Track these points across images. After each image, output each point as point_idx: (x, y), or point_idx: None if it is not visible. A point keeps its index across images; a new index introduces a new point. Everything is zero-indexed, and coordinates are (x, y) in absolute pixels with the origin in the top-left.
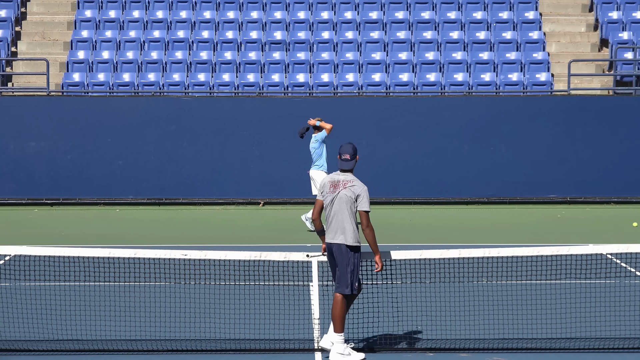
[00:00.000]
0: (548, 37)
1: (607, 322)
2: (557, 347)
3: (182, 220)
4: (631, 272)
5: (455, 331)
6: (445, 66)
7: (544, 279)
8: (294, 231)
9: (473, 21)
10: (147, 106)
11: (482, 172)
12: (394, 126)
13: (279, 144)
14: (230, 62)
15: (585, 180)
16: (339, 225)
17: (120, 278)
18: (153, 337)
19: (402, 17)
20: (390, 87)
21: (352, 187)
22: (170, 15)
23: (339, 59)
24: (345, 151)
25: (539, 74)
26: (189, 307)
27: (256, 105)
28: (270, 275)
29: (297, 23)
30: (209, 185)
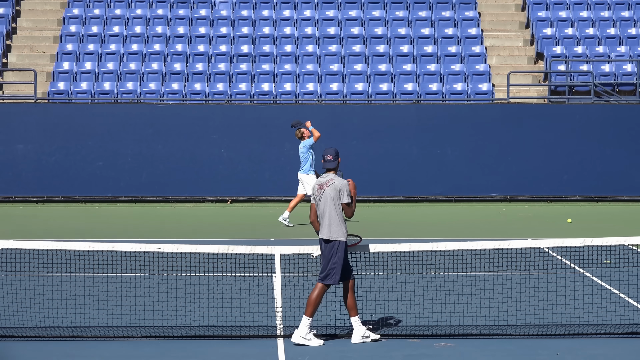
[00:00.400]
0: (489, 50)
1: (545, 310)
2: (500, 334)
3: (156, 216)
4: (567, 265)
5: (407, 319)
6: (396, 77)
7: (487, 270)
8: (259, 226)
9: (421, 36)
10: (126, 113)
11: (430, 173)
12: (350, 131)
13: (246, 147)
14: (201, 72)
15: (524, 180)
16: (326, 221)
17: (99, 270)
18: (128, 324)
19: (357, 33)
20: (346, 96)
21: (333, 185)
22: (147, 30)
23: (300, 70)
24: (328, 153)
25: (481, 84)
26: (162, 296)
27: (225, 112)
28: (237, 267)
29: (262, 37)
30: (181, 184)
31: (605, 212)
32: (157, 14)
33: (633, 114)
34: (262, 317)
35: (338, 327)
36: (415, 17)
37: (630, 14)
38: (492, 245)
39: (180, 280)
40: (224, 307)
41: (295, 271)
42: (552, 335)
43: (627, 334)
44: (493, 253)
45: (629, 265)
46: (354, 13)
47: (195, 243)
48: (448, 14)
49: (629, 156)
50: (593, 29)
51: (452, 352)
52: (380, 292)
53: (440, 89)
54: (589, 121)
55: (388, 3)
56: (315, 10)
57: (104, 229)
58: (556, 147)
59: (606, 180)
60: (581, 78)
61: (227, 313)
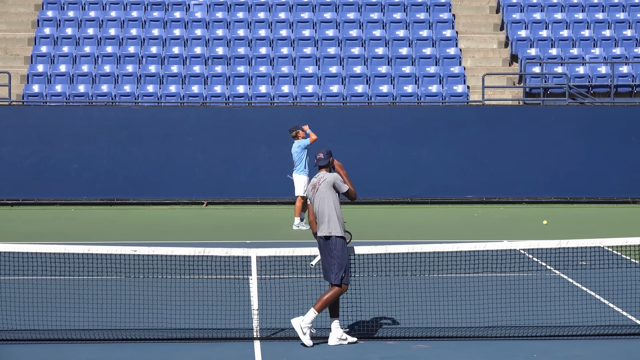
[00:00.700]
0: (464, 53)
1: (521, 312)
2: (476, 335)
3: (132, 219)
4: (542, 266)
5: (383, 321)
6: (372, 79)
7: (463, 272)
8: (235, 229)
9: (396, 38)
10: (100, 115)
11: (406, 175)
12: (326, 133)
13: (221, 149)
14: (176, 75)
15: (499, 182)
16: (324, 219)
17: (75, 272)
18: (105, 327)
19: (332, 35)
20: (322, 98)
21: (325, 181)
22: (121, 32)
23: (276, 72)
24: (320, 151)
25: (456, 86)
26: (138, 299)
27: (200, 114)
28: (213, 269)
29: (237, 40)
30: (156, 186)
31: (581, 213)
32: (132, 17)
33: (607, 115)
34: (238, 319)
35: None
36: (390, 20)
37: (604, 16)
38: (468, 247)
39: (157, 283)
40: (201, 309)
41: (271, 273)
42: (528, 337)
43: (603, 335)
44: (469, 255)
45: (605, 267)
46: (328, 15)
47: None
48: (423, 16)
49: (603, 158)
50: (567, 31)
51: (429, 354)
52: (357, 294)
53: (415, 91)
54: (564, 123)
55: (363, 5)
56: (290, 13)
57: (79, 231)
58: (531, 148)
59: (581, 182)
60: (556, 80)
61: (203, 315)
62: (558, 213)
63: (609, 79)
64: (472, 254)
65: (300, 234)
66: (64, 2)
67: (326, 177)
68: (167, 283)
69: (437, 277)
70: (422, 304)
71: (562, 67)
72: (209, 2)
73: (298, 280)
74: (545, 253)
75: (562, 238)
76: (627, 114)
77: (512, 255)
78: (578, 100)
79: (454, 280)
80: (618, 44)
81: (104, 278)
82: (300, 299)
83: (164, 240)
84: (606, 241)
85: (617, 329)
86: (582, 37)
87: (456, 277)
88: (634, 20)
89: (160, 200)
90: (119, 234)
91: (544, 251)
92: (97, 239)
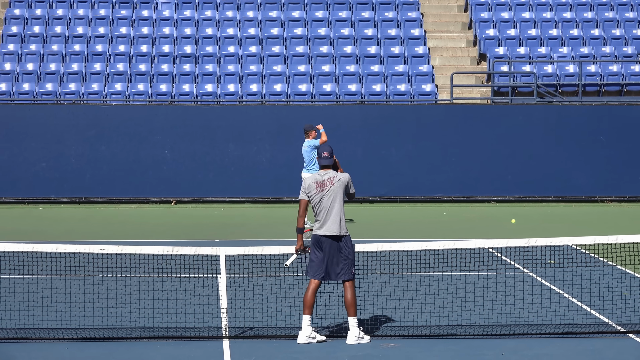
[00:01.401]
0: (432, 51)
1: (490, 310)
2: (445, 334)
3: (100, 218)
4: (511, 265)
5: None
6: (340, 77)
7: (432, 271)
8: (203, 227)
9: (364, 37)
10: (68, 113)
11: (375, 174)
12: (294, 132)
13: (189, 147)
14: (144, 73)
15: (468, 180)
16: (332, 218)
17: (43, 271)
18: (73, 326)
19: (300, 34)
20: (290, 97)
21: (339, 181)
22: (89, 30)
23: (244, 70)
24: (325, 150)
25: (425, 85)
26: (106, 297)
27: (168, 112)
28: (182, 268)
29: (205, 38)
30: (125, 185)
31: (549, 212)
32: (99, 15)
33: (575, 114)
34: (207, 318)
35: (286, 328)
36: (358, 18)
37: (572, 15)
38: (437, 246)
39: (125, 282)
40: (169, 308)
41: (240, 272)
42: (497, 335)
43: (571, 333)
44: (438, 253)
45: (573, 266)
46: (297, 14)
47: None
48: (391, 15)
49: (571, 157)
50: (535, 30)
51: (398, 352)
52: (325, 293)
53: (384, 89)
54: (532, 122)
55: (331, 4)
56: (258, 11)
57: (47, 230)
58: (500, 147)
59: (549, 181)
60: (524, 79)
61: (172, 314)
62: (526, 212)
63: (577, 78)
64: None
65: (269, 233)
66: (31, 1)
67: (341, 177)
68: (136, 282)
69: (406, 276)
70: (391, 303)
71: (530, 66)
72: (177, 0)
73: (267, 278)
74: (514, 252)
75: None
76: (595, 113)
77: (481, 254)
78: (546, 99)
79: (423, 278)
80: (586, 43)
81: (72, 277)
82: (269, 297)
83: (133, 238)
84: (574, 240)
85: (585, 327)
86: (550, 36)
87: (425, 276)
88: (602, 20)
89: (129, 199)
90: (87, 232)
91: (513, 250)
92: (65, 237)
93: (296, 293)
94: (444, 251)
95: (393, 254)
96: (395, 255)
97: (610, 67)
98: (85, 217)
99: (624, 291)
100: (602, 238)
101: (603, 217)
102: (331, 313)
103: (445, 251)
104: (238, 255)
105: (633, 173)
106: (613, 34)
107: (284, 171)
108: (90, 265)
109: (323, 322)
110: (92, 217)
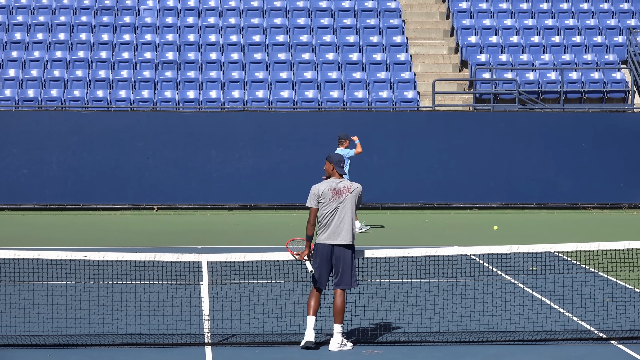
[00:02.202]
0: (414, 58)
1: (472, 317)
2: (428, 340)
3: (82, 224)
4: (493, 272)
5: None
6: (322, 84)
7: (414, 277)
8: (185, 234)
9: (346, 44)
10: (50, 120)
11: (357, 181)
12: (276, 139)
13: (171, 154)
14: (126, 80)
15: (450, 187)
16: (346, 227)
17: (25, 278)
18: (54, 332)
19: (282, 40)
20: (272, 103)
21: (355, 190)
22: (71, 37)
23: (226, 77)
24: (338, 159)
25: (407, 91)
26: (88, 304)
27: (150, 119)
28: (164, 275)
29: (187, 45)
30: (107, 191)
31: (531, 219)
32: (81, 21)
33: (557, 121)
34: (190, 325)
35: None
36: (340, 25)
37: (554, 22)
38: (419, 253)
39: (107, 288)
40: (152, 315)
41: (222, 279)
42: (479, 342)
43: (553, 340)
44: (420, 260)
45: (555, 272)
46: (279, 20)
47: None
48: (373, 22)
49: (553, 163)
50: (517, 37)
51: (381, 359)
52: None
53: (366, 96)
54: (514, 129)
55: (313, 11)
56: (240, 18)
57: (29, 236)
58: (482, 154)
59: (532, 188)
60: (506, 86)
61: (154, 321)
62: (509, 218)
63: (558, 85)
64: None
65: (251, 239)
66: (12, 7)
67: (356, 187)
68: (118, 288)
69: (388, 283)
70: (373, 309)
71: (512, 73)
72: (159, 7)
73: (249, 285)
74: (496, 258)
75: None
76: (576, 120)
77: (463, 261)
78: (528, 106)
79: (405, 285)
80: (567, 50)
81: (53, 283)
82: (251, 304)
83: (115, 245)
84: (556, 246)
85: (567, 334)
86: (531, 43)
87: (407, 283)
88: (583, 27)
89: (111, 206)
90: (69, 239)
91: (495, 256)
92: (47, 244)
93: (279, 300)
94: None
95: (375, 261)
96: (377, 262)
97: (591, 74)
98: (67, 224)
99: (605, 298)
100: (584, 245)
101: (585, 224)
102: (316, 321)
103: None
104: (220, 262)
105: (614, 180)
106: (594, 42)
107: (266, 178)
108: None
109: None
110: (73, 223)
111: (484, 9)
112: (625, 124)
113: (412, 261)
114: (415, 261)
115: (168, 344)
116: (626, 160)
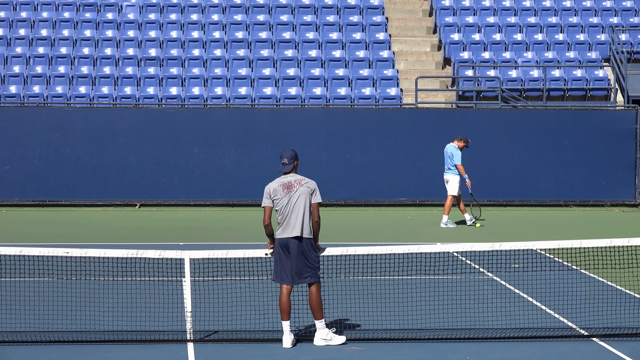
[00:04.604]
0: (397, 55)
1: (455, 314)
2: (410, 337)
3: (64, 220)
4: (475, 269)
5: None
6: (305, 81)
7: (397, 274)
8: (168, 230)
9: (329, 41)
10: (32, 116)
11: (339, 177)
12: (259, 135)
13: (154, 151)
14: (109, 76)
15: (432, 184)
16: (299, 220)
17: (7, 274)
18: (37, 329)
19: (265, 37)
20: (255, 100)
21: (307, 184)
22: (53, 33)
23: (209, 74)
24: (284, 156)
25: (389, 89)
26: (70, 301)
27: (133, 115)
28: (146, 271)
29: (169, 41)
30: (89, 188)
31: (513, 216)
32: (64, 17)
33: (540, 119)
34: (171, 321)
35: (251, 332)
36: (323, 22)
37: (537, 20)
38: (402, 250)
39: (89, 285)
40: (134, 311)
41: (204, 275)
42: (461, 339)
43: (535, 337)
44: (402, 257)
45: (537, 270)
46: (262, 17)
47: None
48: (356, 19)
49: (536, 161)
50: (500, 34)
51: (363, 356)
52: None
53: (349, 93)
54: (497, 126)
55: (296, 7)
56: (223, 15)
57: (11, 233)
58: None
59: (514, 185)
60: (488, 83)
61: (136, 318)
62: (491, 216)
63: (541, 83)
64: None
65: (233, 236)
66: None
67: (309, 182)
68: (100, 285)
69: (370, 280)
70: (356, 306)
71: (495, 71)
72: (142, 3)
73: (231, 282)
74: (478, 255)
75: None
76: (559, 118)
77: (445, 258)
78: (510, 104)
79: (388, 282)
80: (550, 47)
81: (36, 280)
82: (233, 301)
83: (97, 242)
84: (538, 244)
85: (549, 331)
86: (514, 40)
87: (390, 280)
88: (566, 25)
89: (93, 202)
90: (51, 235)
91: (477, 254)
92: (28, 240)
93: (261, 297)
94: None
95: (357, 258)
96: (359, 259)
97: (574, 72)
98: (49, 220)
99: (587, 295)
100: (566, 242)
101: (567, 222)
102: (296, 317)
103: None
104: (202, 258)
105: (597, 178)
106: (577, 39)
107: (249, 174)
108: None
109: (292, 325)
110: (56, 220)
111: (467, 6)
112: (607, 121)
113: (395, 258)
114: (398, 258)
115: (150, 341)
116: (608, 158)
